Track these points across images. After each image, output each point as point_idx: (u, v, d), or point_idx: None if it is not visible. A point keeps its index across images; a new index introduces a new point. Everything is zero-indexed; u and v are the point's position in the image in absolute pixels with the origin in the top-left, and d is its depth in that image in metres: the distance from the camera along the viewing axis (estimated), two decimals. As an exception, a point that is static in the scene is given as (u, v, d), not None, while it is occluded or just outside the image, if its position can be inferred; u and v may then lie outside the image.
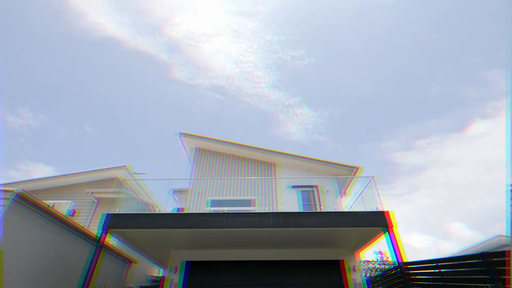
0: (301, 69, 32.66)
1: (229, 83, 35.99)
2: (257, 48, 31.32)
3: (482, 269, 4.00)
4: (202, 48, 31.11)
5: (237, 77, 35.53)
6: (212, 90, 36.67)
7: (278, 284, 8.39)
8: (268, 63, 32.28)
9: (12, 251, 5.84)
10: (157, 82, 37.05)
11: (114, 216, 7.01)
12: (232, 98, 41.19)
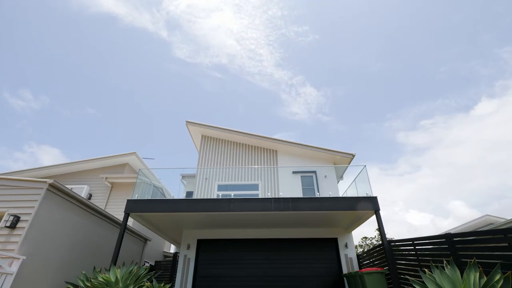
0: (305, 46, 32.08)
1: (230, 62, 35.49)
2: (260, 24, 30.61)
3: (445, 247, 4.85)
4: (202, 24, 30.47)
5: (238, 55, 34.87)
6: (213, 69, 36.12)
7: (280, 258, 9.44)
8: (271, 40, 31.61)
9: (50, 231, 6.77)
10: (156, 61, 36.69)
11: (133, 202, 7.92)
12: (234, 77, 40.65)
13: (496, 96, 34.40)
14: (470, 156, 48.27)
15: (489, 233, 4.20)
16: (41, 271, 6.47)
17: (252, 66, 36.37)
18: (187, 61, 35.37)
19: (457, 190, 61.47)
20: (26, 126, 41.29)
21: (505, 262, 3.67)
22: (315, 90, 39.83)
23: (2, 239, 5.99)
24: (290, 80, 38.21)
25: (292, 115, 46.32)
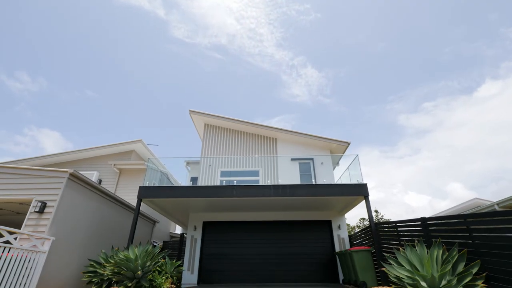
0: (306, 25, 31.36)
1: (230, 42, 34.75)
2: (260, 2, 29.67)
3: (420, 229, 5.63)
4: (201, 2, 29.70)
5: (238, 35, 34.01)
6: (212, 49, 35.28)
7: (278, 239, 10.35)
8: (271, 18, 30.79)
9: (72, 215, 7.57)
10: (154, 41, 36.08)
11: (145, 189, 8.69)
12: (234, 58, 39.81)
13: (500, 77, 34.02)
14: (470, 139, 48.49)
15: (454, 218, 4.93)
16: (67, 250, 7.33)
17: (252, 47, 35.63)
18: (186, 42, 34.63)
19: (456, 172, 62.10)
20: (25, 109, 41.18)
21: (462, 241, 4.44)
22: (317, 71, 39.29)
23: (32, 222, 6.79)
24: (291, 61, 37.53)
25: (293, 97, 45.86)
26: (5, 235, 5.59)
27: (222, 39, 34.46)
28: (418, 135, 52.00)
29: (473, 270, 3.96)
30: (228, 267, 9.85)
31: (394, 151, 62.78)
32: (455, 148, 52.19)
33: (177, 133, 64.14)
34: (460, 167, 58.41)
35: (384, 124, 50.07)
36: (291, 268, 9.79)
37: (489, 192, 59.23)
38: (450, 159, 55.63)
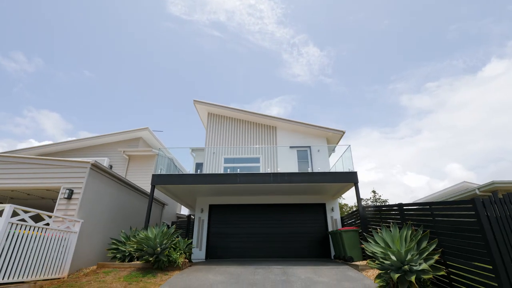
0: (308, 1, 30.45)
1: (229, 19, 33.67)
2: None
3: (398, 213, 6.63)
4: None
5: (237, 11, 32.45)
6: (211, 27, 34.14)
7: (277, 219, 11.46)
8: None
9: (95, 201, 8.58)
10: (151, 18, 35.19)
11: (158, 176, 9.67)
12: (233, 36, 38.64)
13: (506, 56, 33.48)
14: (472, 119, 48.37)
15: (422, 205, 5.87)
16: (92, 230, 8.40)
17: (252, 24, 34.62)
18: (183, 19, 33.65)
19: (455, 153, 62.65)
20: (23, 90, 41.09)
21: (427, 224, 5.42)
22: (318, 50, 38.43)
23: (63, 207, 7.78)
24: (292, 39, 36.40)
25: (294, 76, 44.92)
26: (45, 219, 6.60)
27: (220, 16, 33.46)
28: (419, 116, 51.94)
29: (431, 246, 4.96)
30: (232, 245, 11.02)
31: (395, 132, 62.84)
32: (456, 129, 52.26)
33: (177, 113, 64.38)
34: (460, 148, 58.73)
35: (385, 105, 49.81)
36: (288, 245, 10.96)
37: (488, 173, 60.06)
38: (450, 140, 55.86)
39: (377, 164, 72.32)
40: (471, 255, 4.25)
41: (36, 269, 6.08)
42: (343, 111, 64.65)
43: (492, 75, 36.46)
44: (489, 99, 38.05)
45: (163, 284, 6.21)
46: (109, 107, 58.59)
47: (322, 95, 55.32)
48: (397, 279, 4.74)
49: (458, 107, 43.82)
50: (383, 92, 45.44)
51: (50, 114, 54.72)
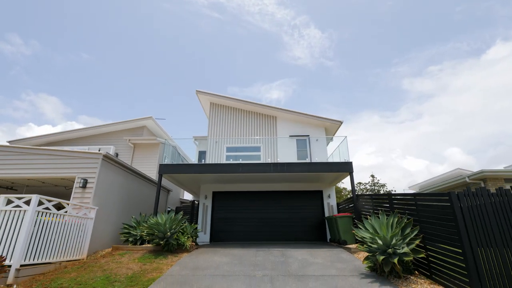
0: None
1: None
2: None
3: (387, 201, 7.25)
4: None
5: None
6: (210, 8, 32.91)
7: (276, 205, 12.16)
8: None
9: (107, 190, 9.20)
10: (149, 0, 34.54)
11: (165, 166, 10.26)
12: (233, 17, 37.76)
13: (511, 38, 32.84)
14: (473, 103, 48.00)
15: (408, 195, 6.47)
16: (106, 216, 9.08)
17: (252, 5, 33.75)
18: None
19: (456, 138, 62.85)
20: (20, 73, 40.77)
21: (411, 212, 6.04)
22: (320, 32, 37.63)
23: (78, 195, 8.41)
24: (293, 20, 35.49)
25: (294, 59, 44.18)
26: (65, 206, 7.23)
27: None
28: (420, 100, 51.78)
29: (414, 232, 5.60)
30: (235, 229, 11.78)
31: (395, 116, 62.81)
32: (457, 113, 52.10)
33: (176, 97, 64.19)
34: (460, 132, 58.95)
35: (387, 89, 49.44)
36: (287, 229, 11.71)
37: (487, 157, 60.61)
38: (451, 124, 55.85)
39: (376, 148, 72.81)
40: (446, 240, 4.88)
41: (60, 251, 6.77)
42: (344, 94, 64.25)
43: (496, 58, 35.89)
44: (491, 83, 37.59)
45: (174, 264, 6.91)
46: (108, 91, 58.28)
47: (323, 79, 54.74)
48: (382, 260, 5.41)
49: (460, 91, 43.49)
50: (385, 75, 44.93)
51: (48, 97, 54.50)
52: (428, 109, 52.77)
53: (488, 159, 62.46)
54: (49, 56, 38.73)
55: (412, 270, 5.66)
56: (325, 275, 5.81)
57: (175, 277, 5.85)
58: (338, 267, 6.43)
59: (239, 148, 13.75)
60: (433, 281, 5.14)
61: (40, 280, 5.74)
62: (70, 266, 6.80)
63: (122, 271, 6.38)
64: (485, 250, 4.39)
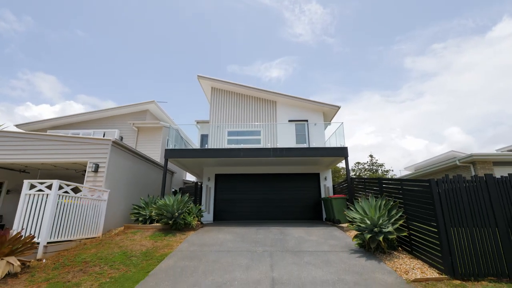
0: None
1: None
2: None
3: (377, 185, 7.88)
4: None
5: None
6: None
7: (276, 187, 12.86)
8: None
9: (117, 173, 9.81)
10: None
11: (170, 151, 10.81)
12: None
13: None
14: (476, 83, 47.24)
15: (395, 180, 7.07)
16: (117, 198, 9.75)
17: None
18: None
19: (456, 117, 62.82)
20: (16, 52, 40.00)
21: (397, 195, 6.67)
22: (321, 7, 36.61)
23: (91, 179, 9.02)
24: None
25: (295, 36, 43.15)
26: (82, 190, 7.86)
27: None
28: (422, 79, 51.15)
29: (398, 213, 6.25)
30: (237, 209, 12.54)
31: (396, 95, 62.46)
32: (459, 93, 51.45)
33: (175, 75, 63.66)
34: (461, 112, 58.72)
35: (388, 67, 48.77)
36: (286, 209, 12.48)
37: (487, 137, 60.95)
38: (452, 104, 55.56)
39: (376, 128, 73.20)
40: (425, 220, 5.52)
41: (79, 230, 7.47)
42: (345, 73, 63.44)
43: (501, 35, 34.99)
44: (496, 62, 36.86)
45: (182, 242, 7.64)
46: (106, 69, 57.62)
47: (324, 57, 53.70)
48: (368, 238, 6.10)
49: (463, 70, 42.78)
50: (387, 53, 44.07)
51: (45, 76, 53.97)
52: (430, 88, 52.12)
53: (488, 139, 62.84)
54: (44, 33, 37.79)
55: (396, 247, 6.37)
56: (318, 251, 6.53)
57: (185, 253, 6.57)
58: (331, 244, 7.15)
59: (240, 132, 14.24)
60: (413, 256, 5.85)
61: (65, 255, 6.45)
62: (89, 243, 7.53)
63: (137, 247, 7.11)
64: (457, 229, 5.04)
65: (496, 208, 5.08)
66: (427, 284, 4.63)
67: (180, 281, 4.83)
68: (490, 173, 9.00)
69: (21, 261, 5.55)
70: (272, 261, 5.85)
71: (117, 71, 60.50)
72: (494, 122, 58.75)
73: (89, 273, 5.43)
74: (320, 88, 75.79)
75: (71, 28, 38.88)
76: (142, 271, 5.47)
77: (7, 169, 11.52)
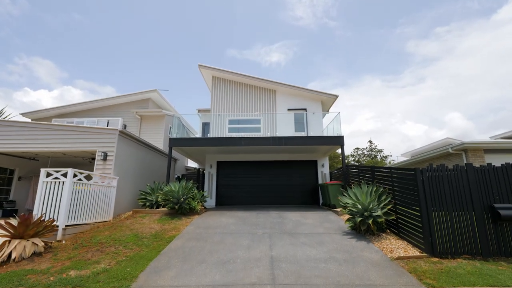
0: None
1: None
2: None
3: (370, 173, 8.42)
4: None
5: None
6: None
7: (275, 174, 13.43)
8: None
9: (124, 161, 10.33)
10: None
11: (174, 140, 11.30)
12: None
13: None
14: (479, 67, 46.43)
15: (386, 168, 7.59)
16: (125, 185, 10.31)
17: None
18: None
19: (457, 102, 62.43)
20: (11, 36, 39.33)
21: (387, 182, 7.21)
22: None
23: (100, 167, 9.55)
24: None
25: (296, 20, 42.39)
26: (93, 177, 8.39)
27: None
28: (424, 63, 50.21)
29: (387, 199, 6.81)
30: (238, 194, 13.17)
31: (398, 80, 61.89)
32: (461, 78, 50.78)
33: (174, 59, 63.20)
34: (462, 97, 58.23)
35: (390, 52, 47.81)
36: (285, 194, 13.10)
37: (487, 122, 60.97)
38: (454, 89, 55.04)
39: (376, 113, 73.27)
40: (410, 205, 6.08)
41: (92, 214, 8.07)
42: (346, 57, 62.55)
43: (506, 18, 34.30)
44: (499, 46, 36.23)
45: (188, 225, 8.25)
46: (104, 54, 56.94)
47: (325, 41, 52.72)
48: (359, 221, 6.68)
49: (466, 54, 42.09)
50: (389, 37, 43.36)
51: (42, 61, 53.34)
52: (432, 73, 51.46)
53: (488, 124, 62.85)
54: (39, 16, 37.02)
55: (385, 229, 6.97)
56: (313, 233, 7.14)
57: (191, 234, 7.17)
58: (326, 226, 7.76)
59: (240, 120, 14.66)
60: (399, 237, 6.45)
61: (81, 237, 7.07)
62: (101, 226, 8.14)
63: (146, 230, 7.72)
64: (438, 213, 5.59)
65: (474, 195, 5.61)
66: (408, 261, 5.22)
67: (189, 259, 5.43)
68: (482, 160, 9.62)
69: (44, 242, 6.14)
70: (271, 242, 6.45)
71: (115, 55, 59.94)
72: (495, 107, 58.56)
73: (106, 252, 6.04)
74: (321, 73, 75.14)
75: (68, 11, 38.23)
76: (154, 250, 6.07)
77: (18, 157, 12.05)
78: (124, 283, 4.43)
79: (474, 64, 45.84)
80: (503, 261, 5.28)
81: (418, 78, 57.02)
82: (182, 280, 4.47)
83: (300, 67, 67.22)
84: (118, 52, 58.14)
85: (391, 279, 4.44)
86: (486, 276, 4.55)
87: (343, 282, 4.33)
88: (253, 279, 4.45)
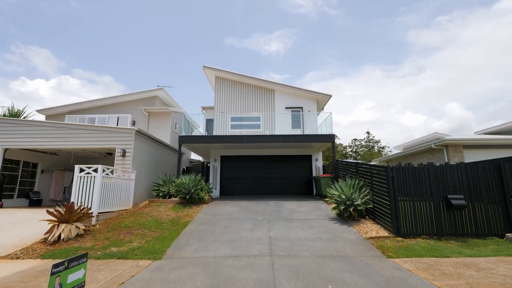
0: None
1: None
2: None
3: (354, 168, 9.77)
4: None
5: None
6: None
7: (273, 167, 14.80)
8: None
9: (139, 157, 11.64)
10: None
11: (183, 137, 12.61)
12: None
13: None
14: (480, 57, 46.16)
15: (367, 165, 8.93)
16: (141, 178, 11.66)
17: None
18: None
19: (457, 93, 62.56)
20: (7, 25, 38.84)
21: (367, 176, 8.57)
22: None
23: (120, 162, 10.86)
24: None
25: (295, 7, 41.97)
26: (115, 172, 9.72)
27: None
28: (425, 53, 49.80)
29: (367, 191, 8.18)
30: (240, 186, 14.56)
31: (398, 70, 61.81)
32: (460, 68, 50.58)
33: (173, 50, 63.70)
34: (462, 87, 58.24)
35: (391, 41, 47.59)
36: (282, 186, 14.50)
37: (486, 113, 61.43)
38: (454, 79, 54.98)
39: (376, 103, 73.98)
40: (383, 195, 7.44)
41: (117, 203, 9.43)
42: (347, 47, 62.43)
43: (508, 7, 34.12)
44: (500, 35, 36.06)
45: (199, 212, 9.64)
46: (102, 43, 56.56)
47: (325, 29, 52.20)
48: (342, 209, 8.07)
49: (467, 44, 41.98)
50: (390, 25, 43.24)
51: (40, 50, 52.63)
52: (432, 63, 51.17)
53: (487, 115, 63.51)
54: (35, 4, 36.84)
55: (364, 216, 8.36)
56: (305, 219, 8.53)
57: (202, 220, 8.56)
58: (316, 214, 9.16)
59: (242, 118, 15.92)
60: (375, 222, 7.84)
61: (111, 222, 8.44)
62: (125, 214, 9.52)
63: (164, 216, 9.10)
64: (404, 202, 6.96)
65: (433, 187, 6.98)
66: (377, 240, 6.62)
67: (203, 238, 6.82)
68: (461, 155, 11.02)
69: (84, 226, 7.51)
70: (270, 225, 7.84)
71: (113, 44, 59.97)
72: (494, 97, 58.83)
73: (135, 234, 7.42)
74: (320, 63, 75.38)
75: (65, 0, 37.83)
76: (174, 232, 7.46)
77: (41, 152, 13.35)
78: (157, 255, 5.81)
79: (476, 54, 45.77)
80: (453, 240, 6.68)
81: (418, 68, 57.22)
82: (201, 253, 5.85)
83: (299, 57, 67.30)
84: (116, 41, 58.23)
85: (361, 253, 5.84)
86: (434, 251, 5.94)
87: (324, 254, 5.72)
88: (256, 253, 5.83)
